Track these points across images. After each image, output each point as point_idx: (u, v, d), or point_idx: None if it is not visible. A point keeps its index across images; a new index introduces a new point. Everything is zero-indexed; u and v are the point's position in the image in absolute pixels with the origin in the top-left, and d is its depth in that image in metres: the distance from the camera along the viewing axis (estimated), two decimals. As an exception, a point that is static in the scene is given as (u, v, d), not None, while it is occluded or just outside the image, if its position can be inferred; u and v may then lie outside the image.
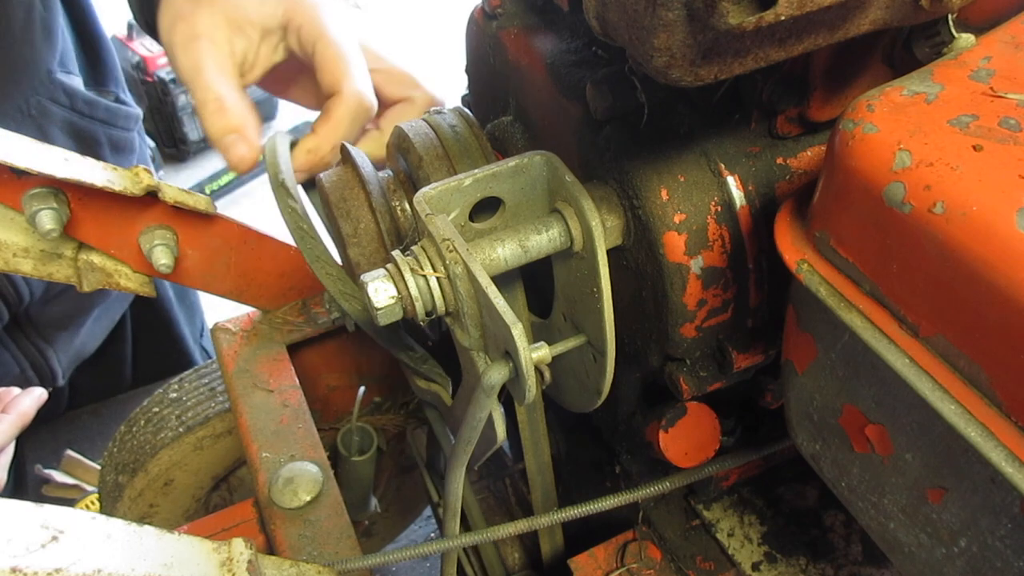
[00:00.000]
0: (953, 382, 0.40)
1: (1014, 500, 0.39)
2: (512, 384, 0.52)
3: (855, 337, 0.44)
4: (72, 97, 1.06)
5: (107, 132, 1.14)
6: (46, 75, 1.03)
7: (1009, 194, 0.37)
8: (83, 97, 1.08)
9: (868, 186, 0.41)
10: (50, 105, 1.04)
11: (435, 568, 1.71)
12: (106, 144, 1.15)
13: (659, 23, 0.39)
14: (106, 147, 1.15)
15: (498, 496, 1.03)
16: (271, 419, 0.88)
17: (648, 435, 0.70)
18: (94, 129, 1.11)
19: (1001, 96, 0.42)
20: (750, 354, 0.60)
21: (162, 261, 0.85)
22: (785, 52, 0.42)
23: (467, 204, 0.58)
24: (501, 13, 0.70)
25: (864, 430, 0.48)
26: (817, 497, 0.79)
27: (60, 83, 1.05)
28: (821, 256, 0.47)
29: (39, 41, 1.01)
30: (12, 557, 0.42)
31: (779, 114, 0.55)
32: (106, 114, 1.13)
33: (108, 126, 1.14)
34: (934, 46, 0.49)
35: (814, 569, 0.75)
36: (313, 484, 0.81)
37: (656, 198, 0.55)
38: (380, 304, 0.53)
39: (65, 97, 1.06)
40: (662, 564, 0.76)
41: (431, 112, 0.71)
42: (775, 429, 0.73)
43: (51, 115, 1.04)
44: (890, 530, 0.50)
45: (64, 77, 1.06)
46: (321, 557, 0.75)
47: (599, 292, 0.55)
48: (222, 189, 3.19)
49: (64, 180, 0.76)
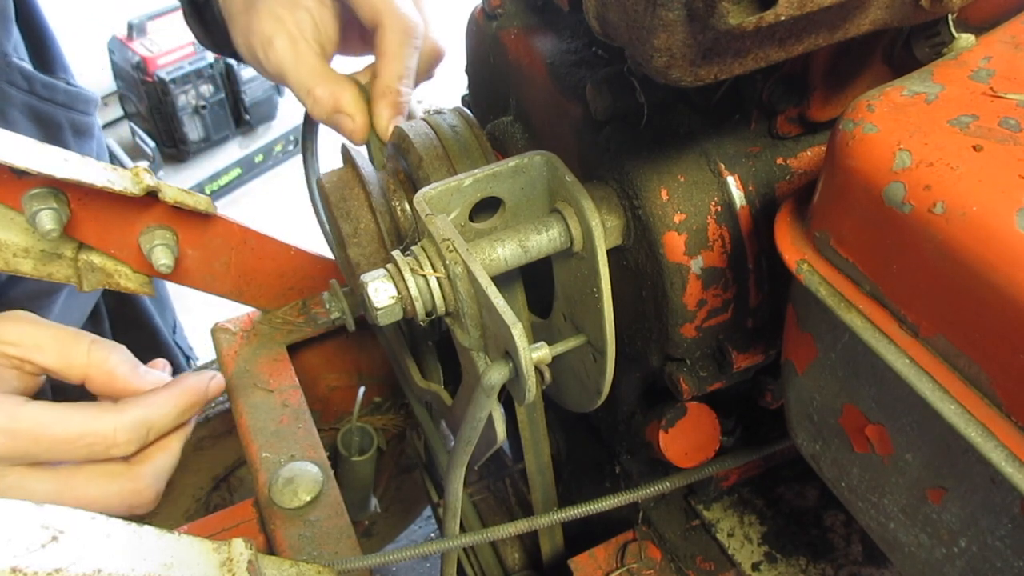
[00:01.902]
0: (953, 382, 0.40)
1: (1014, 500, 0.39)
2: (512, 384, 0.52)
3: (855, 337, 0.44)
4: (31, 81, 1.07)
5: (68, 116, 1.14)
6: (3, 59, 1.02)
7: (1009, 194, 0.37)
8: (41, 81, 1.08)
9: (868, 186, 0.41)
10: (9, 88, 1.03)
11: (435, 568, 1.71)
12: (68, 128, 1.15)
13: (659, 23, 0.39)
14: (68, 131, 1.15)
15: (498, 496, 1.03)
16: (271, 419, 0.88)
17: (648, 435, 0.70)
18: (55, 113, 1.11)
19: (1001, 96, 0.42)
20: (750, 354, 0.60)
21: (162, 261, 0.85)
22: (785, 52, 0.42)
23: (467, 204, 0.58)
24: (501, 13, 0.70)
25: (864, 430, 0.48)
26: (817, 497, 0.79)
27: (17, 67, 1.05)
28: (821, 256, 0.47)
29: None
30: (12, 557, 0.42)
31: (779, 114, 0.55)
32: (66, 98, 1.13)
33: (68, 110, 1.14)
34: (934, 46, 0.49)
35: (814, 569, 0.75)
36: (313, 484, 0.81)
37: (656, 198, 0.55)
38: (380, 304, 0.53)
39: (23, 80, 1.06)
40: (662, 564, 0.76)
41: (431, 112, 0.71)
42: (775, 429, 0.73)
43: (11, 99, 1.04)
44: (890, 530, 0.50)
45: (19, 62, 1.06)
46: (321, 557, 0.75)
47: (599, 292, 0.55)
48: (222, 189, 3.19)
49: (64, 180, 0.76)
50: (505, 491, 1.03)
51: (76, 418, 0.70)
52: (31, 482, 0.68)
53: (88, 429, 0.70)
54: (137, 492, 0.73)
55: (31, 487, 0.68)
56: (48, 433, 0.68)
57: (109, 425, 0.71)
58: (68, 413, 0.70)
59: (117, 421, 0.71)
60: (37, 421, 0.68)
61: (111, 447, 0.70)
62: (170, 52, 3.07)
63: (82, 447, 0.69)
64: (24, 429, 0.68)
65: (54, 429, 0.68)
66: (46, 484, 0.69)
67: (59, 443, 0.68)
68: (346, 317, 0.73)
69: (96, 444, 0.70)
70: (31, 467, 0.69)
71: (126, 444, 0.71)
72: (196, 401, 0.78)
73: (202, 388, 0.79)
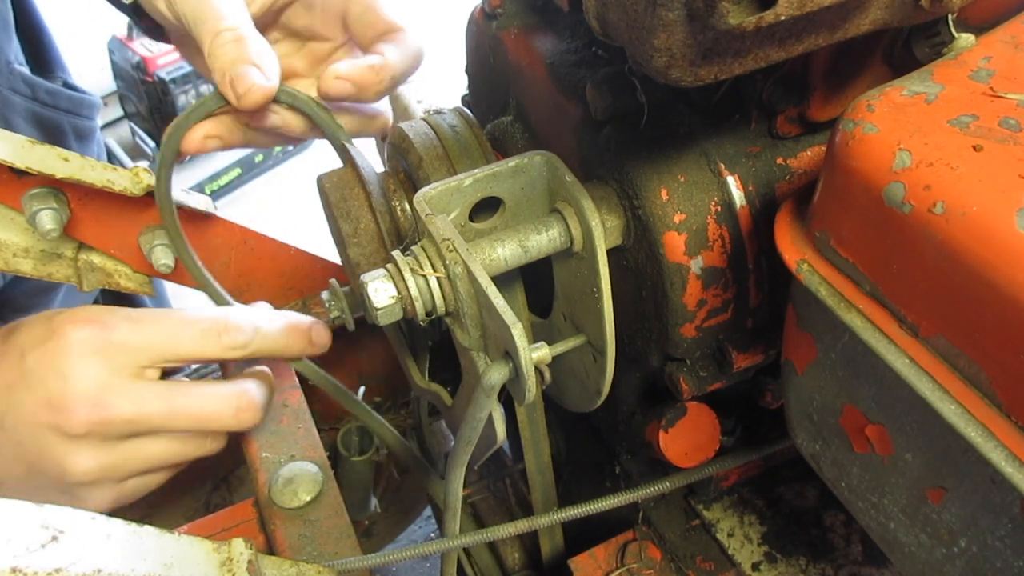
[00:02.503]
0: (953, 382, 0.40)
1: (1014, 500, 0.39)
2: (512, 384, 0.52)
3: (855, 337, 0.44)
4: (33, 87, 1.07)
5: (70, 121, 1.15)
6: (5, 66, 1.03)
7: (1009, 194, 0.37)
8: (44, 87, 1.09)
9: (868, 186, 0.41)
10: (12, 95, 1.04)
11: (435, 568, 1.71)
12: (71, 133, 1.16)
13: (659, 23, 0.39)
14: (71, 136, 1.16)
15: (498, 496, 1.03)
16: (271, 419, 0.88)
17: (648, 435, 0.70)
18: (57, 118, 1.12)
19: (1001, 96, 0.42)
20: (750, 354, 0.60)
21: (162, 261, 0.85)
22: (785, 52, 0.42)
23: (467, 204, 0.58)
24: (501, 13, 0.70)
25: (864, 430, 0.48)
26: (817, 497, 0.79)
27: (20, 74, 1.05)
28: (821, 256, 0.47)
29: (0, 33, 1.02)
30: (12, 557, 0.42)
31: (779, 114, 0.55)
32: (69, 103, 1.13)
33: (71, 115, 1.14)
34: (934, 46, 0.49)
35: (814, 569, 0.75)
36: (313, 484, 0.81)
37: (656, 198, 0.55)
38: (380, 304, 0.53)
39: (26, 87, 1.06)
40: (662, 564, 0.76)
41: (431, 112, 0.71)
42: (775, 429, 0.73)
43: (14, 105, 1.05)
44: (890, 530, 0.50)
45: (20, 68, 1.06)
46: (321, 557, 0.75)
47: (599, 292, 0.55)
48: (222, 189, 3.19)
49: (64, 180, 0.76)
50: (505, 491, 1.03)
51: (192, 310, 0.75)
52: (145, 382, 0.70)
53: (203, 315, 0.74)
54: (244, 398, 0.75)
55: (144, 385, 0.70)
56: (169, 316, 0.72)
57: (220, 313, 0.75)
58: (189, 310, 0.75)
59: (228, 312, 0.76)
60: (158, 311, 0.73)
61: (223, 332, 0.73)
62: (170, 52, 3.07)
63: (199, 331, 0.72)
64: (147, 315, 0.72)
65: (174, 315, 0.73)
66: (159, 384, 0.71)
67: (178, 325, 0.72)
68: (346, 317, 0.73)
69: (210, 329, 0.73)
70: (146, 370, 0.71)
71: (236, 331, 0.74)
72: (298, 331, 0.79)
73: (305, 325, 0.80)
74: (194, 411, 0.72)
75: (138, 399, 0.68)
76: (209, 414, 0.72)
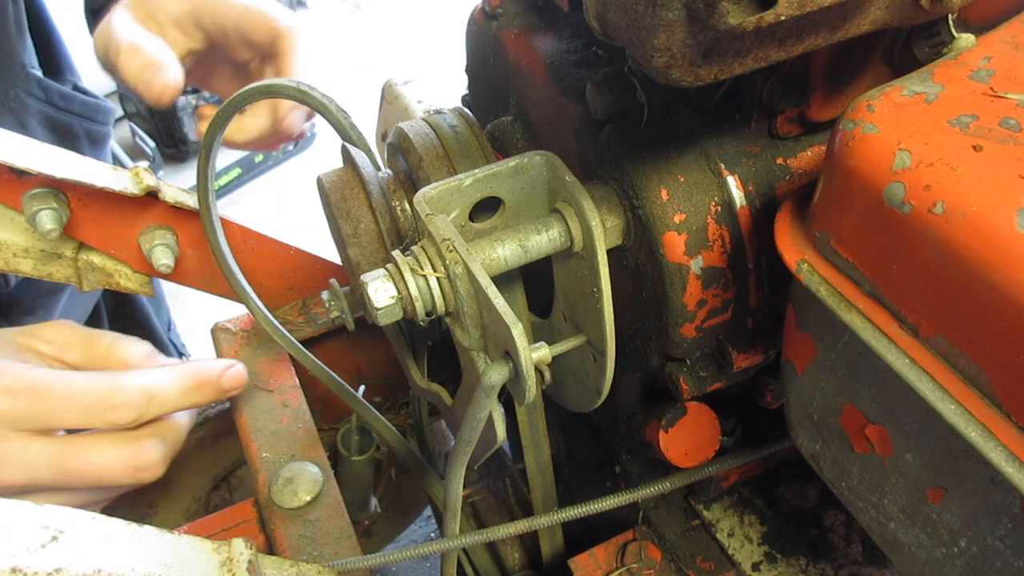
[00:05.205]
0: (953, 382, 0.40)
1: (1014, 500, 0.39)
2: (512, 384, 0.52)
3: (855, 337, 0.44)
4: (47, 91, 1.08)
5: (84, 125, 1.15)
6: (21, 69, 1.04)
7: (1009, 194, 0.37)
8: (58, 91, 1.10)
9: (868, 186, 0.41)
10: (27, 98, 1.05)
11: (435, 568, 1.71)
12: (84, 137, 1.17)
13: (659, 23, 0.39)
14: (84, 140, 1.17)
15: (498, 496, 1.03)
16: (271, 419, 0.88)
17: (648, 435, 0.70)
18: (71, 122, 1.13)
19: (1001, 96, 0.42)
20: (750, 354, 0.60)
21: (162, 261, 0.85)
22: (785, 52, 0.42)
23: (467, 204, 0.58)
24: (501, 13, 0.70)
25: (864, 430, 0.48)
26: (817, 497, 0.79)
27: (35, 77, 1.06)
28: (821, 256, 0.47)
29: (14, 36, 1.02)
30: (12, 557, 0.42)
31: (779, 114, 0.55)
32: (82, 108, 1.14)
33: (85, 120, 1.15)
34: (934, 46, 0.49)
35: (814, 569, 0.75)
36: (313, 484, 0.81)
37: (656, 198, 0.55)
38: (380, 304, 0.53)
39: (40, 91, 1.07)
40: (662, 564, 0.76)
41: (431, 112, 0.71)
42: (775, 429, 0.73)
43: (29, 108, 1.05)
44: (890, 530, 0.50)
45: (34, 71, 1.07)
46: (321, 557, 0.75)
47: (599, 292, 0.55)
48: (222, 189, 3.19)
49: (64, 180, 0.76)
50: (505, 491, 1.03)
51: (78, 378, 0.71)
52: (33, 446, 0.69)
53: (88, 388, 0.70)
54: (140, 457, 0.72)
55: (32, 451, 0.68)
56: (49, 391, 0.69)
57: (108, 386, 0.71)
58: (72, 375, 0.71)
59: (117, 384, 0.72)
60: (40, 380, 0.70)
61: (108, 409, 0.70)
62: (170, 52, 3.07)
63: (80, 408, 0.69)
64: (27, 388, 0.69)
65: (56, 388, 0.69)
66: (48, 447, 0.69)
67: (59, 401, 0.69)
68: (346, 317, 0.73)
69: (94, 406, 0.70)
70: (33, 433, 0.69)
71: (124, 408, 0.71)
72: (205, 384, 0.77)
73: (214, 373, 0.78)
74: (89, 473, 0.70)
75: (26, 465, 0.67)
76: (103, 474, 0.71)
